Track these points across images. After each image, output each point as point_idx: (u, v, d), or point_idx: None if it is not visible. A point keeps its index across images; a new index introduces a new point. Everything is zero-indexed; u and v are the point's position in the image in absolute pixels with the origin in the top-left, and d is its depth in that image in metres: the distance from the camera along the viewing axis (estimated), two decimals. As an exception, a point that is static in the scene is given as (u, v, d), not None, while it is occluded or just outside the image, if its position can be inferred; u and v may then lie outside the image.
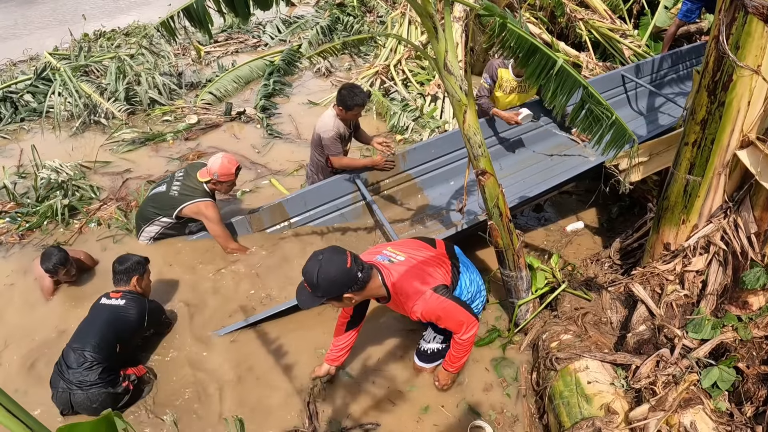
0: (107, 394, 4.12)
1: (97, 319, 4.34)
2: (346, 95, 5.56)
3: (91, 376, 4.07)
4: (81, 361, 4.09)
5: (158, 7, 16.91)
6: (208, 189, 5.37)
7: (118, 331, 4.31)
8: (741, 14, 3.42)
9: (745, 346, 3.71)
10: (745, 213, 3.95)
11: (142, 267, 4.67)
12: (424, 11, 3.48)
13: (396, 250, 3.78)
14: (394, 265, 3.64)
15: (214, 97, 9.80)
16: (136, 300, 4.50)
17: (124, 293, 4.50)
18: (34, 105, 9.33)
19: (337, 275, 3.27)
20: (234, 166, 5.27)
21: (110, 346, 4.22)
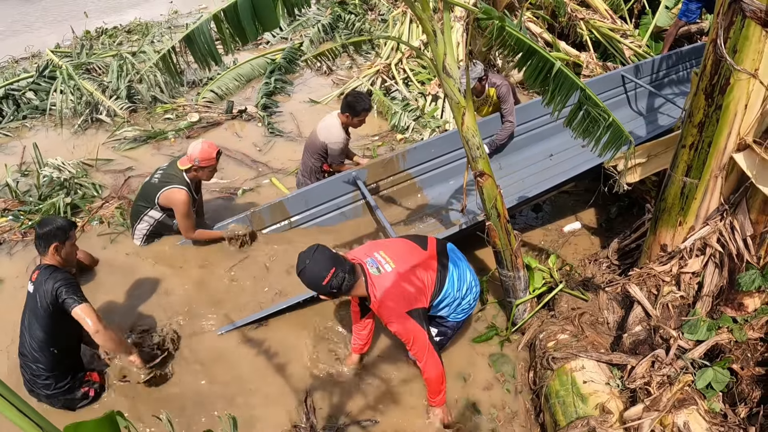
0: (65, 400, 4.04)
1: (27, 317, 3.94)
2: (354, 101, 5.61)
3: (48, 388, 3.95)
4: (32, 372, 3.92)
5: (160, 4, 16.94)
6: (187, 178, 5.32)
7: (44, 332, 3.87)
8: (739, 18, 3.44)
9: (740, 348, 3.74)
10: (741, 216, 3.98)
11: (64, 233, 4.01)
12: (423, 14, 3.51)
13: (387, 257, 3.80)
14: (380, 276, 3.70)
15: (215, 95, 9.82)
16: (46, 281, 3.83)
17: (38, 274, 3.89)
18: (36, 102, 9.34)
19: (314, 285, 3.56)
20: (214, 150, 5.24)
21: (46, 353, 3.89)
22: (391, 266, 3.75)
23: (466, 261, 4.26)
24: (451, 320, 4.22)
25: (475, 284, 4.22)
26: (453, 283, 3.99)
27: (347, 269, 3.60)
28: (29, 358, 3.90)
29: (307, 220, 5.93)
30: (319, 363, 4.57)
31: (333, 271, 3.52)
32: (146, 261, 5.42)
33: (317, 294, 3.66)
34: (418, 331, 3.65)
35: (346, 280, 3.57)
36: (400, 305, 3.65)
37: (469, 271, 4.20)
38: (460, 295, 4.07)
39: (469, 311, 4.26)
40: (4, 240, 5.95)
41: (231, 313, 4.95)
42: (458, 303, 4.12)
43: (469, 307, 4.20)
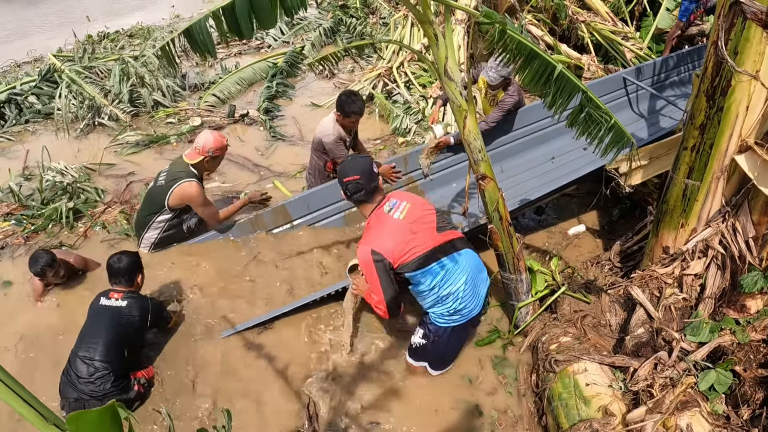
0: (121, 401, 4.07)
1: (101, 323, 4.26)
2: (345, 102, 5.61)
3: (104, 386, 4.06)
4: (92, 371, 4.07)
5: (162, 8, 16.98)
6: (194, 171, 5.37)
7: (124, 336, 4.26)
8: (739, 20, 3.45)
9: (743, 350, 3.74)
10: (743, 217, 3.98)
11: (141, 264, 4.61)
12: (425, 18, 3.52)
13: (405, 210, 4.00)
14: (385, 216, 3.97)
15: (217, 99, 9.86)
16: (139, 300, 4.42)
17: (125, 293, 4.40)
18: (38, 107, 9.38)
19: (340, 176, 3.97)
20: (225, 138, 5.42)
21: (119, 352, 4.19)
22: (400, 217, 3.96)
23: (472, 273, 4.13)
24: (432, 321, 4.18)
25: (465, 300, 4.09)
26: (432, 276, 3.97)
27: (370, 188, 3.94)
28: (95, 359, 4.10)
29: (309, 224, 5.93)
30: (321, 366, 4.58)
31: (357, 178, 3.87)
32: (153, 264, 5.42)
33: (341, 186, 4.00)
34: (372, 271, 3.85)
35: (360, 193, 3.93)
36: (371, 241, 3.88)
37: (467, 284, 4.08)
38: (437, 293, 4.03)
39: (450, 322, 4.14)
40: (7, 244, 5.97)
41: (236, 315, 4.96)
42: (435, 301, 4.08)
43: (448, 315, 4.10)
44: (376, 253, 3.81)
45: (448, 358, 4.51)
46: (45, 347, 4.77)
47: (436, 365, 4.47)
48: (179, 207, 5.39)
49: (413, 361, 4.47)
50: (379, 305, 3.99)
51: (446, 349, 4.38)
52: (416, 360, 4.46)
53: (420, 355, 4.41)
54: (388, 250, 3.84)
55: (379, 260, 3.82)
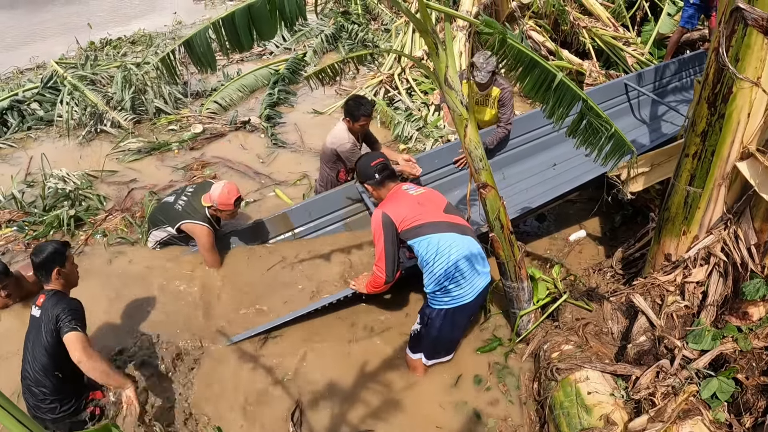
0: (72, 423, 3.97)
1: (30, 342, 3.83)
2: (353, 106, 5.60)
3: (53, 413, 3.86)
4: (37, 396, 3.82)
5: (164, 15, 17.02)
6: (208, 214, 5.38)
7: (48, 357, 3.77)
8: (741, 26, 3.45)
9: (745, 357, 3.72)
10: (745, 224, 3.97)
11: (61, 256, 3.93)
12: (425, 27, 3.52)
13: (418, 191, 4.46)
14: (402, 191, 4.40)
15: (219, 106, 9.85)
16: (52, 308, 3.77)
17: (44, 300, 3.83)
18: (41, 113, 9.39)
19: (362, 166, 4.49)
20: (233, 197, 5.28)
21: (49, 375, 3.79)
22: (415, 194, 4.38)
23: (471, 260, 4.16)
24: (428, 305, 4.30)
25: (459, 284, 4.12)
26: (426, 247, 4.14)
27: (391, 170, 4.48)
28: (32, 382, 3.80)
29: (310, 232, 5.93)
30: (311, 375, 4.59)
31: (381, 159, 4.44)
32: (154, 272, 5.42)
33: (363, 181, 4.49)
34: (380, 231, 4.19)
35: (387, 171, 4.41)
36: (384, 205, 4.32)
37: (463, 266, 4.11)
38: (430, 268, 4.16)
39: (442, 304, 4.18)
40: (8, 250, 5.97)
41: (234, 323, 4.95)
42: (428, 277, 4.20)
43: (441, 296, 4.17)
44: (386, 215, 4.16)
45: (441, 346, 4.56)
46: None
47: (429, 353, 4.53)
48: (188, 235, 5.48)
49: (411, 354, 4.54)
50: (378, 269, 4.26)
51: (438, 334, 4.38)
52: (414, 351, 4.51)
53: (417, 344, 4.48)
54: (398, 214, 4.18)
55: (387, 222, 4.15)
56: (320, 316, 5.01)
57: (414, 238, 4.16)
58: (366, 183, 4.45)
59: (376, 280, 4.32)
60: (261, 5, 3.29)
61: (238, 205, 5.40)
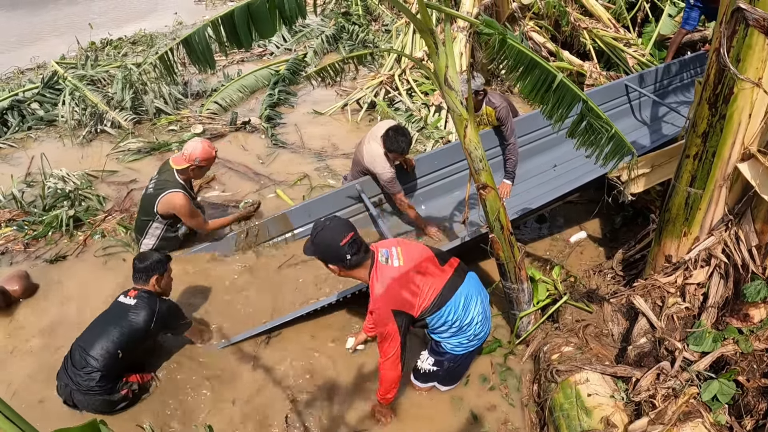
0: (103, 400, 4.15)
1: (108, 319, 4.29)
2: (390, 139, 5.49)
3: (90, 382, 4.08)
4: (83, 364, 4.11)
5: (165, 16, 17.01)
6: (180, 179, 5.35)
7: (123, 337, 4.20)
8: (742, 27, 3.43)
9: (746, 359, 3.70)
10: (746, 226, 3.96)
11: (162, 266, 4.51)
12: (425, 27, 3.50)
13: (401, 254, 3.79)
14: (386, 266, 3.71)
15: (219, 107, 9.83)
16: (148, 301, 4.33)
17: (139, 292, 4.37)
18: (41, 113, 9.39)
19: (328, 246, 3.60)
20: (213, 149, 5.35)
21: (112, 353, 4.15)
22: (400, 263, 3.74)
23: (482, 296, 4.11)
24: (449, 351, 4.10)
25: (482, 324, 4.06)
26: (454, 309, 3.88)
27: (363, 243, 3.70)
28: (87, 351, 4.14)
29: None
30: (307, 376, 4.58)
31: (352, 235, 3.60)
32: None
33: (327, 261, 3.71)
34: (394, 332, 3.64)
35: (360, 252, 3.64)
36: (389, 301, 3.62)
37: (481, 307, 4.04)
38: (458, 325, 3.95)
39: (469, 348, 4.10)
40: (7, 249, 5.96)
41: (230, 326, 4.94)
42: (455, 332, 4.00)
43: (468, 342, 4.06)
44: (398, 313, 3.64)
45: (459, 378, 4.50)
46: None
47: (446, 383, 4.45)
48: (169, 215, 5.39)
49: (420, 384, 4.42)
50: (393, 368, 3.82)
51: (461, 369, 4.39)
52: (423, 382, 4.42)
53: (429, 379, 4.39)
54: (407, 303, 3.69)
55: (400, 318, 3.66)
56: (319, 317, 4.99)
57: (437, 310, 3.81)
58: (331, 265, 3.71)
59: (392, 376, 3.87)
60: (260, 3, 3.28)
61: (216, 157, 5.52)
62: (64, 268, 5.74)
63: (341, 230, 3.61)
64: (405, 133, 5.53)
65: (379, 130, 5.71)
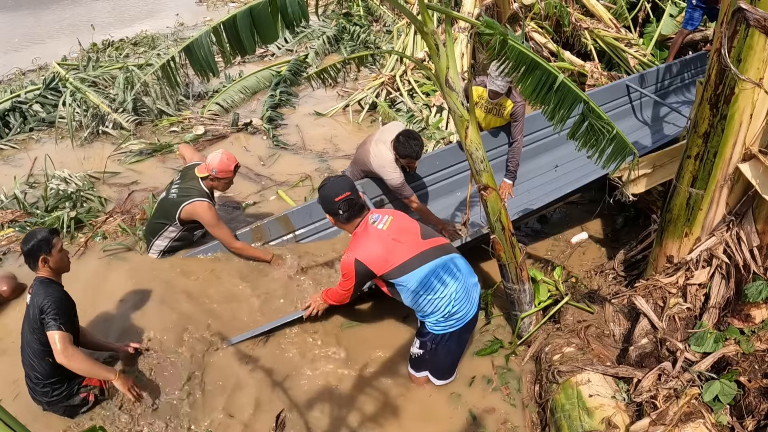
0: (64, 407, 4.09)
1: (24, 327, 3.99)
2: (401, 144, 5.43)
3: (46, 395, 4.00)
4: (31, 380, 4.00)
5: (166, 17, 17.03)
6: (205, 187, 5.32)
7: (38, 342, 3.89)
8: (743, 27, 3.44)
9: (747, 360, 3.71)
10: (747, 226, 3.96)
11: (47, 244, 3.97)
12: (425, 28, 3.51)
13: (389, 220, 4.12)
14: (370, 227, 4.07)
15: (221, 108, 9.84)
16: (38, 289, 3.94)
17: (34, 284, 3.99)
18: (43, 115, 9.40)
19: (324, 197, 4.06)
20: (233, 163, 5.27)
21: (42, 360, 3.93)
22: (383, 227, 4.06)
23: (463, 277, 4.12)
24: (429, 331, 4.18)
25: (459, 303, 4.07)
26: (422, 281, 3.98)
27: (358, 204, 4.08)
28: (28, 366, 3.99)
29: (311, 234, 5.89)
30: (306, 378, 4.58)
31: (348, 194, 3.98)
32: (152, 275, 5.41)
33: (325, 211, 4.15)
34: (351, 276, 3.98)
35: (354, 209, 4.04)
36: (357, 252, 3.98)
37: (459, 286, 4.07)
38: (430, 299, 4.02)
39: (447, 328, 4.13)
40: (9, 250, 5.97)
41: (235, 324, 4.94)
42: (431, 309, 4.06)
43: (444, 321, 4.09)
44: (359, 263, 3.93)
45: (450, 366, 4.50)
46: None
47: (438, 374, 4.47)
48: (189, 221, 5.35)
49: (414, 372, 4.47)
50: (342, 299, 4.27)
51: (446, 357, 4.37)
52: (417, 370, 4.45)
53: (420, 365, 4.42)
54: (372, 258, 3.96)
55: (361, 269, 3.95)
56: (319, 319, 4.98)
57: (400, 276, 3.98)
58: (329, 215, 4.17)
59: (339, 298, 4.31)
60: (263, 7, 3.28)
61: (236, 172, 5.40)
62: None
63: (340, 188, 4.00)
64: (417, 137, 5.51)
65: (387, 133, 5.65)
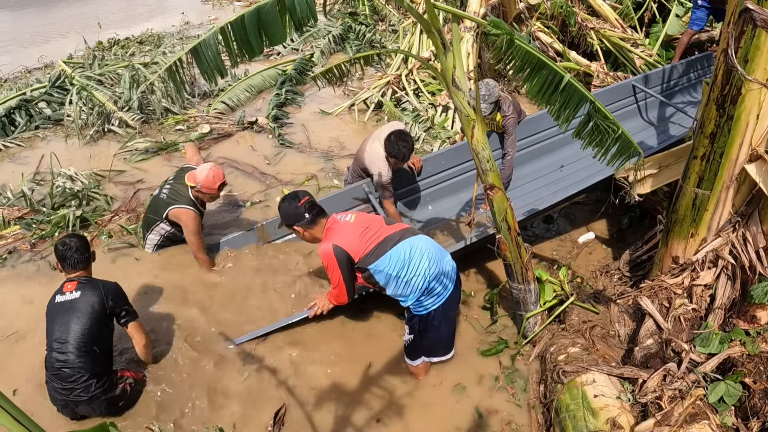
0: (106, 399, 4.10)
1: (63, 323, 4.02)
2: (391, 144, 5.47)
3: (89, 388, 4.00)
4: (73, 376, 3.97)
5: (172, 16, 17.04)
6: (192, 196, 5.36)
7: (89, 331, 4.02)
8: (750, 28, 3.43)
9: (753, 361, 3.70)
10: (753, 227, 3.95)
11: (89, 246, 4.32)
12: (432, 27, 3.51)
13: (354, 217, 4.33)
14: (338, 221, 4.28)
15: (226, 107, 9.85)
16: (91, 284, 4.16)
17: (78, 282, 4.14)
18: (48, 113, 9.41)
19: (287, 209, 4.23)
20: (218, 182, 5.29)
21: (90, 352, 4.01)
22: (351, 220, 4.29)
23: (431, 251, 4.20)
24: (415, 314, 4.26)
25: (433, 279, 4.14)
26: (396, 261, 4.10)
27: (318, 206, 4.29)
28: (65, 363, 3.97)
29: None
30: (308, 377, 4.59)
31: (307, 198, 4.23)
32: (152, 273, 5.45)
33: (291, 224, 4.26)
34: (334, 264, 4.10)
35: (315, 210, 4.23)
36: (332, 239, 4.14)
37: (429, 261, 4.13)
38: (405, 279, 4.11)
39: (429, 306, 4.20)
40: (15, 249, 5.97)
41: (237, 325, 4.95)
42: (410, 290, 4.14)
43: (425, 299, 4.18)
44: (337, 248, 4.07)
45: (446, 343, 4.58)
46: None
47: (434, 353, 4.55)
48: (176, 223, 5.43)
49: (411, 361, 4.52)
50: (340, 294, 4.29)
51: (437, 334, 4.41)
52: (413, 358, 4.50)
53: (415, 352, 4.47)
54: (348, 243, 4.11)
55: (340, 253, 4.08)
56: (321, 318, 4.98)
57: (375, 260, 4.11)
58: (296, 226, 4.25)
59: (337, 295, 4.36)
60: (270, 7, 3.27)
61: (221, 190, 5.43)
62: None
63: (297, 197, 4.23)
64: (406, 139, 5.51)
65: (384, 132, 5.69)
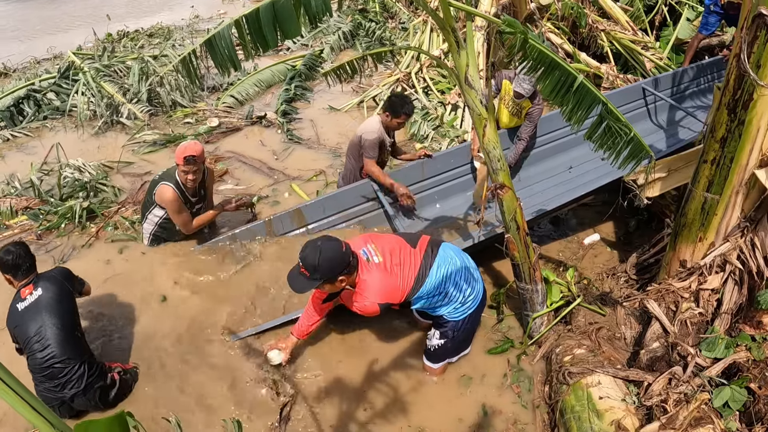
0: (100, 387, 4.11)
1: (36, 322, 3.97)
2: (397, 102, 5.60)
3: (81, 380, 3.99)
4: (59, 374, 3.96)
5: (182, 9, 17.06)
6: (178, 177, 5.28)
7: (65, 319, 4.03)
8: (763, 33, 3.42)
9: (758, 367, 3.69)
10: (762, 232, 3.95)
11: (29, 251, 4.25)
12: (446, 25, 3.51)
13: (376, 249, 3.94)
14: (368, 264, 3.86)
15: (235, 101, 9.87)
16: (45, 278, 4.15)
17: (33, 284, 4.09)
18: (57, 104, 9.44)
19: (335, 257, 3.63)
20: (184, 153, 5.08)
21: (72, 336, 4.03)
22: (379, 259, 3.89)
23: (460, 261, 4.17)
24: (449, 320, 4.21)
25: (469, 285, 4.14)
26: (433, 284, 3.98)
27: (354, 262, 3.77)
28: (54, 358, 3.92)
29: (324, 228, 5.90)
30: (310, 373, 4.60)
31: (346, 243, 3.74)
32: (156, 266, 5.48)
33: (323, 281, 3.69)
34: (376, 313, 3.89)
35: (354, 261, 3.75)
36: (377, 296, 3.81)
37: (462, 272, 4.12)
38: (443, 293, 4.06)
39: (466, 311, 4.19)
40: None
41: (242, 320, 4.96)
42: (446, 301, 4.11)
43: (462, 306, 4.15)
44: (383, 305, 3.84)
45: (468, 343, 4.62)
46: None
47: (458, 352, 4.56)
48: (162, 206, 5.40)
49: (433, 364, 4.49)
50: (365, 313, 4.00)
51: (466, 336, 4.46)
52: (436, 362, 4.48)
53: (441, 356, 4.45)
54: (391, 295, 3.86)
55: (385, 307, 3.88)
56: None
57: (416, 292, 3.98)
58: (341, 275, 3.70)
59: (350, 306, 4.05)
60: (286, 0, 3.26)
61: (192, 163, 5.11)
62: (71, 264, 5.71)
63: (335, 241, 3.71)
64: (407, 96, 5.69)
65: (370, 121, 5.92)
